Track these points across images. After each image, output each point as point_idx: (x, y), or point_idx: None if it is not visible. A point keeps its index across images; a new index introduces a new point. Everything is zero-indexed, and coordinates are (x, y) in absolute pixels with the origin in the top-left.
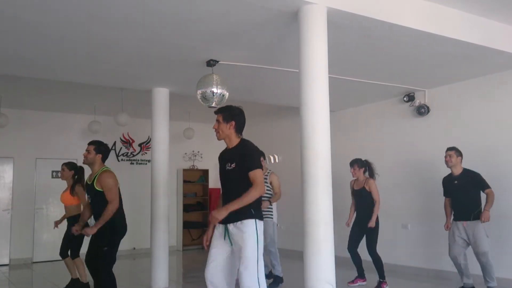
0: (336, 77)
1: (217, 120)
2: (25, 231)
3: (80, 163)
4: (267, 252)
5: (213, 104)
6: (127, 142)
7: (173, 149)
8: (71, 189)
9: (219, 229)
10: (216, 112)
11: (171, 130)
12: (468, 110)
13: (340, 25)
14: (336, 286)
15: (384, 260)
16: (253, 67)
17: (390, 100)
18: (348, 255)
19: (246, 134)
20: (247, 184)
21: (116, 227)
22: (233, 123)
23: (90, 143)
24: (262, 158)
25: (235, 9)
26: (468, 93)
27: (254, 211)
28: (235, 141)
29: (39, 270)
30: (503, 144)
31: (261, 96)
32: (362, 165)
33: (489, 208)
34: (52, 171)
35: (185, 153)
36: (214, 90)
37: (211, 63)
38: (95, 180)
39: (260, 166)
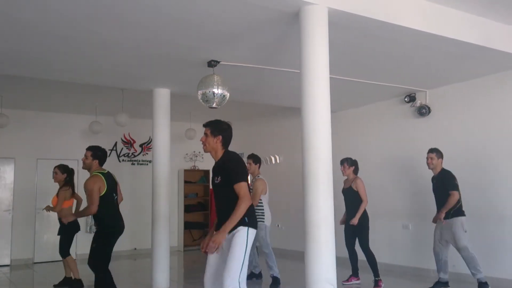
0: (337, 78)
1: (205, 133)
2: (26, 231)
3: (81, 163)
4: (262, 254)
5: (214, 105)
6: (128, 143)
7: (174, 149)
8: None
9: None
10: (204, 126)
11: (172, 130)
12: (469, 111)
13: (341, 25)
14: (337, 286)
15: (385, 260)
16: (254, 68)
17: (391, 100)
18: (346, 255)
19: (248, 135)
20: (235, 196)
21: (104, 227)
22: (220, 137)
23: (87, 149)
24: (250, 162)
25: (236, 9)
26: (469, 93)
27: (248, 219)
28: (220, 153)
29: (40, 271)
30: (503, 144)
31: (262, 96)
32: (352, 163)
33: (444, 210)
34: (52, 172)
35: (186, 154)
36: (215, 90)
37: (212, 63)
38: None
39: (244, 178)
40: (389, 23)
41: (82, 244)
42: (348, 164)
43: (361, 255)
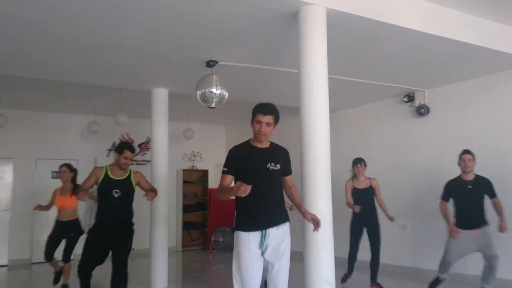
0: (336, 78)
1: (268, 123)
2: (24, 231)
3: (81, 163)
4: None
5: (213, 105)
6: (126, 142)
7: (173, 149)
8: (73, 192)
9: (254, 237)
10: (268, 113)
11: (171, 130)
12: (468, 110)
13: (340, 25)
14: (336, 286)
15: (384, 260)
16: (253, 68)
17: (390, 100)
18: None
19: (247, 135)
20: (281, 185)
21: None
22: (276, 126)
23: (129, 150)
24: None
25: (234, 9)
26: (468, 93)
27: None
28: (267, 141)
29: (38, 271)
30: (503, 144)
31: (260, 96)
32: (365, 164)
33: (505, 217)
34: (52, 172)
35: (185, 154)
36: (214, 90)
37: (210, 63)
38: (132, 177)
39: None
40: (387, 23)
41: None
42: (365, 163)
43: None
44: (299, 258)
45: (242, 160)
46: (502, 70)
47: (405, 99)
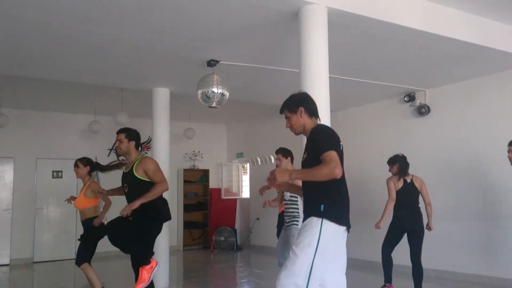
0: (337, 77)
1: (286, 118)
2: (25, 231)
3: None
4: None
5: (214, 104)
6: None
7: (174, 149)
8: (86, 191)
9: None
10: (281, 112)
11: (172, 130)
12: (468, 110)
13: (340, 24)
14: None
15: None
16: (254, 67)
17: (391, 100)
18: (354, 256)
19: (248, 134)
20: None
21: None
22: (302, 109)
23: (119, 132)
24: (280, 157)
25: (235, 9)
26: (468, 92)
27: (325, 207)
28: (311, 128)
29: (40, 270)
30: (503, 143)
31: (261, 96)
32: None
33: None
34: (53, 171)
35: (186, 153)
36: (215, 90)
37: (211, 63)
38: (134, 167)
39: (332, 147)
40: (388, 22)
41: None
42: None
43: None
44: None
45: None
46: (503, 70)
47: (405, 98)
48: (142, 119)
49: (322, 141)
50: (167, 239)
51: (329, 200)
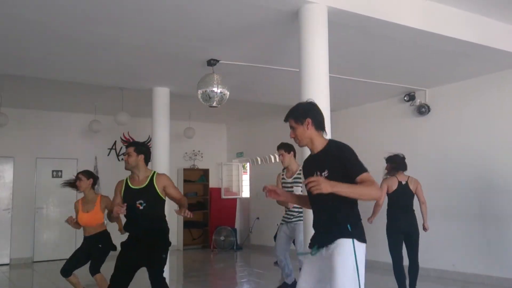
0: (337, 77)
1: (291, 127)
2: (25, 230)
3: (81, 162)
4: (295, 259)
5: (214, 104)
6: (128, 142)
7: (174, 148)
8: (100, 203)
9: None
10: (285, 120)
11: (172, 129)
12: (468, 110)
13: (341, 24)
14: None
15: (386, 259)
16: (254, 67)
17: (391, 99)
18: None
19: (248, 134)
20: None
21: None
22: (309, 120)
23: (128, 146)
24: (283, 152)
25: (235, 8)
26: (468, 92)
27: (352, 228)
28: (320, 142)
29: (40, 270)
30: (503, 143)
31: (261, 95)
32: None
33: None
34: (53, 171)
35: (186, 153)
36: (215, 89)
37: (211, 62)
38: (155, 183)
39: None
40: (388, 21)
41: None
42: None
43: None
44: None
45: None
46: (503, 69)
47: (405, 98)
48: (142, 118)
49: (357, 161)
50: None
51: (354, 219)
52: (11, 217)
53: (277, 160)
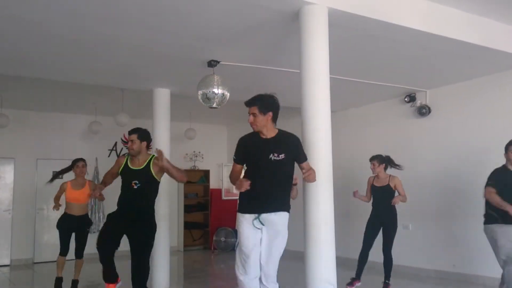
0: (337, 78)
1: (253, 114)
2: (26, 231)
3: None
4: None
5: (214, 105)
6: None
7: (174, 149)
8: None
9: (249, 218)
10: (248, 104)
11: (172, 130)
12: (469, 110)
13: (341, 25)
14: (337, 286)
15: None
16: (254, 68)
17: (391, 100)
18: (349, 255)
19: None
20: (291, 174)
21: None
22: (271, 114)
23: (131, 132)
24: None
25: (236, 9)
26: (469, 93)
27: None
28: (272, 131)
29: (40, 271)
30: (504, 143)
31: None
32: (382, 161)
33: None
34: (53, 172)
35: (186, 154)
36: (215, 90)
37: (212, 63)
38: (151, 165)
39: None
40: (389, 23)
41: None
42: (378, 161)
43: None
44: (300, 258)
45: (247, 150)
46: (504, 70)
47: (406, 99)
48: (143, 119)
49: (303, 150)
50: (167, 240)
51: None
52: (12, 218)
53: None
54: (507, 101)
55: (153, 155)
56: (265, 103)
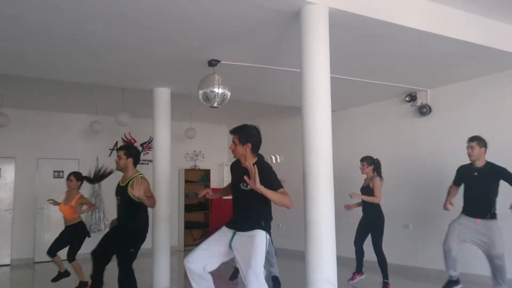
0: (338, 77)
1: (233, 141)
2: (26, 231)
3: (82, 163)
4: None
5: (215, 104)
6: (129, 142)
7: (175, 149)
8: (76, 201)
9: (227, 233)
10: (232, 133)
11: (173, 130)
12: (470, 110)
13: (342, 25)
14: (338, 286)
15: (387, 260)
16: (255, 67)
17: (392, 100)
18: (349, 255)
19: None
20: (261, 202)
21: (139, 227)
22: (250, 145)
23: (119, 149)
24: None
25: (236, 9)
26: (470, 93)
27: (264, 224)
28: (251, 160)
29: (41, 271)
30: (504, 144)
31: (262, 96)
32: (371, 162)
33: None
34: (54, 171)
35: (187, 153)
36: (216, 90)
37: (212, 63)
38: (130, 184)
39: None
40: (390, 22)
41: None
42: (367, 163)
43: (370, 256)
44: (300, 257)
45: (231, 173)
46: (505, 70)
47: (407, 98)
48: (144, 119)
49: (277, 179)
50: (167, 240)
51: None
52: (12, 217)
53: (278, 160)
54: (508, 100)
55: (138, 174)
56: (246, 135)
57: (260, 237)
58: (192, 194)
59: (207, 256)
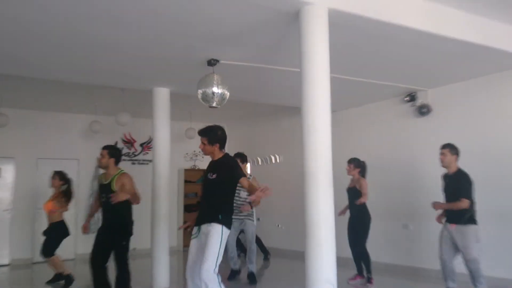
0: (337, 77)
1: (203, 142)
2: (25, 231)
3: (82, 163)
4: (248, 249)
5: (214, 104)
6: (129, 142)
7: (174, 149)
8: (56, 199)
9: (196, 229)
10: (200, 135)
11: (172, 130)
12: (470, 110)
13: (341, 25)
14: (338, 286)
15: (385, 260)
16: (254, 67)
17: (392, 100)
18: (349, 255)
19: (248, 134)
20: (223, 192)
21: (126, 224)
22: (218, 145)
23: (103, 148)
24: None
25: (236, 9)
26: (470, 92)
27: (222, 217)
28: (218, 155)
29: (40, 271)
30: (505, 144)
31: (262, 96)
32: (358, 165)
33: (445, 207)
34: (54, 171)
35: (186, 153)
36: (215, 90)
37: (212, 62)
38: (114, 181)
39: (244, 174)
40: (389, 22)
41: (82, 244)
42: (354, 165)
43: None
44: (300, 258)
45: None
46: (504, 70)
47: (406, 98)
48: (143, 119)
49: (241, 170)
50: (167, 240)
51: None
52: (12, 217)
53: (278, 160)
54: (508, 100)
55: (121, 171)
56: (213, 137)
57: (216, 230)
58: (191, 194)
59: (195, 264)
